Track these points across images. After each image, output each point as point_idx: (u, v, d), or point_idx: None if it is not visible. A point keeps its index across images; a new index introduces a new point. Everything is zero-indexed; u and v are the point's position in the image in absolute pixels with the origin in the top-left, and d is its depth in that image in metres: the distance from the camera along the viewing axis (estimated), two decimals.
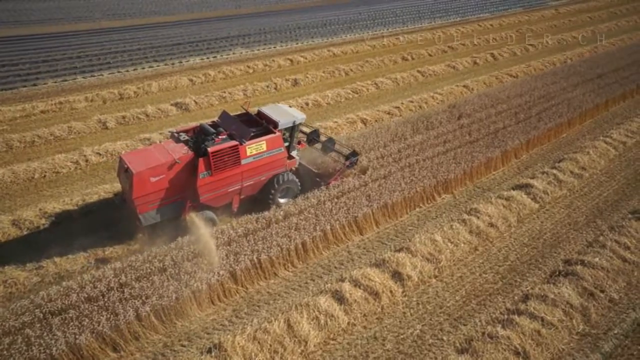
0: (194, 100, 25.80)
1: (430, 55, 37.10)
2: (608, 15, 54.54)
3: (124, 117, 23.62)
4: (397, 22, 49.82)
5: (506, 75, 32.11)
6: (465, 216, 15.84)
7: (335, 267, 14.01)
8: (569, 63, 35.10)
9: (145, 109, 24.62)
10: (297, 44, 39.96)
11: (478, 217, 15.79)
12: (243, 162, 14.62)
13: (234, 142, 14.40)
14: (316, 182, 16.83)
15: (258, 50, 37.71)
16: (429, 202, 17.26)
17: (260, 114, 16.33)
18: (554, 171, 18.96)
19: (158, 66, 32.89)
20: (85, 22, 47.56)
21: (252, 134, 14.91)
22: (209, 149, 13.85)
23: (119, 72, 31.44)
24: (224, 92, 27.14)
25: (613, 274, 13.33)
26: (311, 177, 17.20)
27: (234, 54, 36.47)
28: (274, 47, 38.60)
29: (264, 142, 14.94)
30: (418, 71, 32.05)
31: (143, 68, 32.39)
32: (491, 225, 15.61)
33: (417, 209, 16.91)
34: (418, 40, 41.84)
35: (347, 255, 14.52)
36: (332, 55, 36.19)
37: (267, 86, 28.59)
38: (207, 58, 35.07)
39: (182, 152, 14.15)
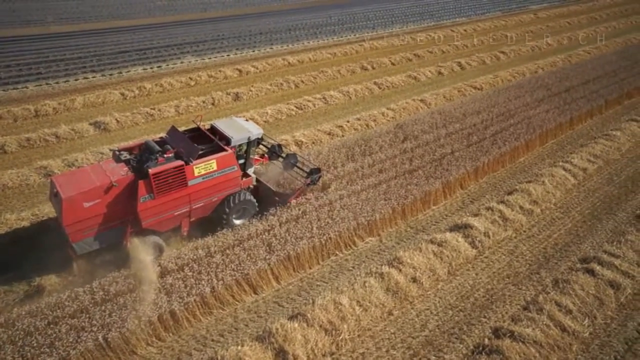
0: (116, 119, 23.21)
1: (392, 64, 34.69)
2: (588, 20, 52.42)
3: (28, 140, 20.98)
4: (367, 27, 47.43)
5: (470, 87, 29.75)
6: (385, 268, 13.34)
7: (213, 340, 11.51)
8: (539, 74, 32.80)
9: (58, 129, 21.98)
10: (253, 51, 37.45)
11: (400, 270, 13.33)
12: (190, 183, 13.46)
13: (179, 162, 13.15)
14: (275, 201, 15.58)
15: (209, 59, 35.15)
16: (348, 247, 14.81)
17: (213, 129, 15.27)
18: (501, 207, 16.56)
19: (94, 77, 30.24)
20: (34, 26, 44.75)
21: (200, 152, 13.73)
22: (150, 171, 12.60)
23: (47, 84, 28.78)
24: (154, 109, 24.56)
25: (546, 350, 10.94)
26: (270, 196, 15.89)
27: (181, 63, 33.91)
28: (227, 56, 36.06)
29: (214, 160, 13.80)
30: (375, 83, 29.63)
31: (76, 79, 29.73)
32: (414, 280, 13.16)
33: (333, 257, 14.45)
34: (383, 47, 39.47)
35: (231, 323, 12.01)
36: (286, 64, 33.70)
37: (204, 101, 26.05)
38: (151, 68, 32.46)
39: (121, 173, 12.93)
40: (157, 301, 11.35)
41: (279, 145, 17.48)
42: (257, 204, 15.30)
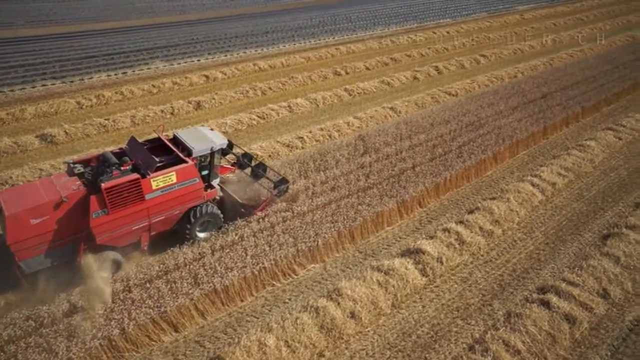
0: (65, 130, 21.99)
1: (367, 68, 33.55)
2: (574, 22, 51.36)
3: None
4: (348, 29, 46.27)
5: (445, 93, 28.64)
6: (322, 302, 12.18)
7: None
8: (518, 78, 31.73)
9: None
10: (225, 55, 36.25)
11: (338, 303, 12.19)
12: (148, 196, 13.00)
13: (134, 176, 12.65)
14: (241, 212, 15.12)
15: (178, 64, 33.94)
16: (287, 277, 13.67)
17: (175, 140, 14.81)
18: (459, 228, 15.42)
19: (53, 84, 29.02)
20: (2, 29, 43.42)
21: (157, 164, 13.31)
22: (103, 185, 12.12)
23: (1, 91, 27.53)
24: (107, 119, 23.34)
25: None
26: (236, 208, 15.39)
27: (148, 69, 32.68)
28: (198, 60, 34.86)
29: (174, 173, 13.31)
30: (345, 89, 28.47)
31: (34, 87, 28.48)
32: (352, 315, 12.00)
33: (269, 288, 13.30)
34: (361, 50, 38.31)
35: None
36: (257, 70, 32.52)
37: (163, 111, 24.85)
38: (116, 75, 31.24)
39: (72, 188, 12.41)
40: (54, 347, 10.17)
41: (249, 155, 17.01)
42: (222, 216, 14.84)
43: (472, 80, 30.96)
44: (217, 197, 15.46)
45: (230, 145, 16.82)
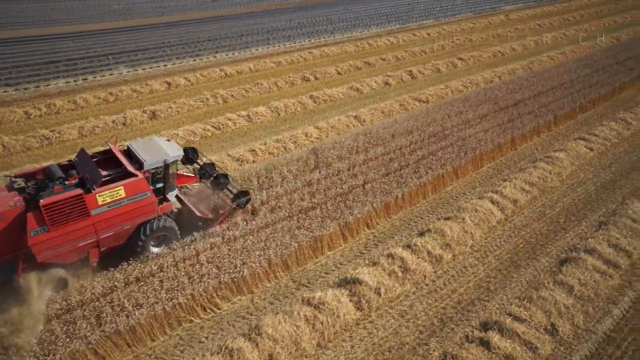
0: (3, 144, 20.79)
1: (339, 73, 32.35)
2: (559, 22, 50.13)
3: None
4: (326, 31, 45.05)
5: (415, 100, 27.46)
6: (239, 342, 10.95)
7: None
8: (494, 83, 30.56)
9: None
10: (194, 60, 35.02)
11: (257, 344, 10.99)
12: (94, 212, 12.44)
13: (76, 191, 12.07)
14: (199, 226, 14.53)
15: (144, 69, 32.71)
16: (208, 311, 12.44)
17: (129, 151, 14.26)
18: (405, 253, 14.25)
19: (5, 92, 27.76)
20: None
21: (104, 178, 12.79)
22: (41, 202, 11.52)
23: None
24: (53, 131, 22.12)
25: None
26: (195, 220, 14.77)
27: (111, 74, 31.47)
28: (164, 66, 33.64)
29: (122, 187, 12.78)
30: (311, 96, 27.29)
31: None
32: (270, 359, 10.88)
33: (187, 324, 12.10)
34: (335, 54, 37.12)
35: None
36: (223, 76, 31.29)
37: (115, 121, 23.63)
38: (75, 81, 30.00)
39: (9, 204, 11.79)
40: None
41: (212, 164, 16.21)
42: (178, 230, 14.24)
43: (445, 86, 29.79)
44: (175, 210, 14.83)
45: (196, 154, 16.47)
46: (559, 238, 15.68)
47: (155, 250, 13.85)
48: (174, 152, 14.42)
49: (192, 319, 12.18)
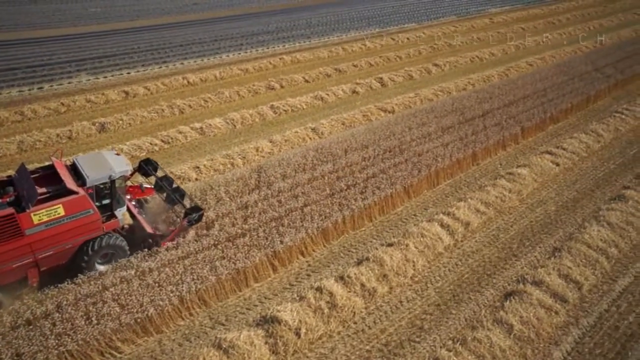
0: None
1: (306, 81, 31.19)
2: (544, 25, 48.97)
3: None
4: (303, 35, 43.91)
5: (380, 110, 26.32)
6: None
7: None
8: (467, 91, 29.45)
9: None
10: (160, 67, 33.88)
11: None
12: (29, 232, 11.93)
13: (7, 211, 11.55)
14: (149, 242, 13.99)
15: (105, 77, 31.56)
16: (106, 356, 11.32)
17: (74, 166, 13.80)
18: (336, 286, 13.07)
19: None
20: None
21: (40, 197, 12.26)
22: None
23: None
24: None
25: None
26: (144, 236, 14.24)
27: (69, 83, 30.32)
28: (128, 73, 32.47)
29: (60, 205, 12.25)
30: (272, 106, 26.13)
31: None
32: None
33: None
34: (306, 60, 35.98)
35: None
36: (185, 84, 30.13)
37: (59, 134, 22.45)
38: (30, 90, 28.84)
39: None
40: None
41: (169, 178, 15.72)
42: (127, 247, 13.79)
43: (415, 94, 28.66)
44: (126, 226, 14.45)
45: (153, 166, 15.95)
46: (509, 267, 14.54)
47: (102, 268, 13.28)
48: (121, 167, 13.90)
49: None
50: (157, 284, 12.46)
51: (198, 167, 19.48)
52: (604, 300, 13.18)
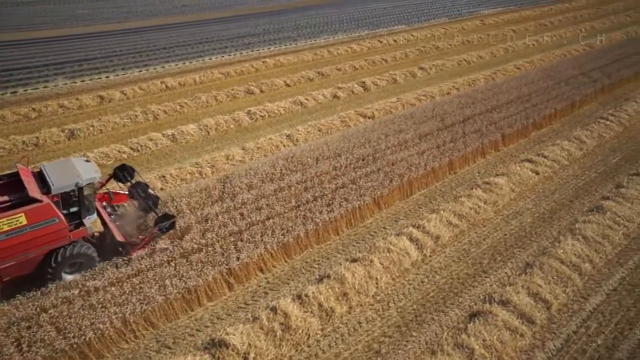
0: None
1: (287, 85, 30.55)
2: (535, 28, 48.34)
3: None
4: (290, 38, 43.27)
5: (359, 115, 25.69)
6: None
7: None
8: (451, 95, 28.79)
9: None
10: (140, 71, 33.23)
11: None
12: None
13: None
14: (119, 251, 13.58)
15: (83, 81, 30.91)
16: None
17: (41, 174, 13.49)
18: (292, 305, 12.37)
19: None
20: None
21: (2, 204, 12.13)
22: None
23: None
24: None
25: None
26: (114, 245, 13.84)
27: (45, 87, 29.65)
28: (106, 77, 31.81)
29: (22, 214, 11.92)
30: (248, 112, 25.49)
31: None
32: None
33: None
34: (290, 63, 35.36)
35: None
36: (163, 89, 29.49)
37: (25, 142, 21.79)
38: (3, 94, 28.18)
39: None
40: None
41: (144, 184, 15.50)
42: (95, 256, 13.41)
43: (397, 99, 28.04)
44: (96, 234, 14.10)
45: (128, 172, 15.81)
46: (477, 284, 13.89)
47: (69, 277, 12.97)
48: (89, 174, 13.56)
49: None
50: (100, 305, 11.81)
51: (164, 177, 18.84)
52: (573, 320, 12.52)
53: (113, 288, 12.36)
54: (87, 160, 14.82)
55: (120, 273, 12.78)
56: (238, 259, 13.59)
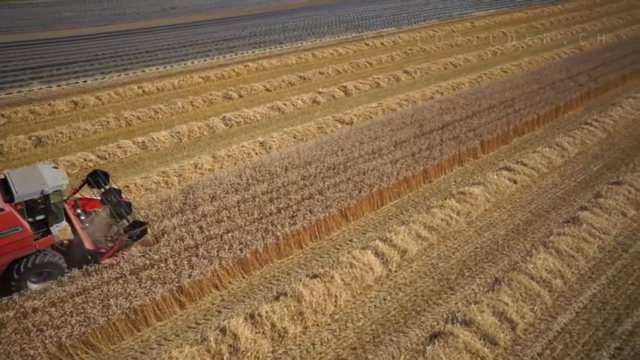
0: None
1: (267, 90, 29.96)
2: (526, 29, 47.74)
3: None
4: (276, 41, 42.70)
5: (337, 121, 25.05)
6: None
7: None
8: (434, 100, 28.16)
9: None
10: (119, 75, 32.65)
11: None
12: None
13: None
14: (87, 259, 13.22)
15: (59, 86, 30.32)
16: None
17: (5, 182, 13.26)
18: (244, 326, 11.75)
19: None
20: None
21: None
22: None
23: None
24: None
25: None
26: (83, 252, 13.44)
27: (19, 92, 29.06)
28: (84, 82, 31.23)
29: None
30: (223, 118, 24.87)
31: None
32: None
33: None
34: (273, 67, 34.76)
35: None
36: (140, 93, 28.88)
37: None
38: None
39: None
40: None
41: (117, 191, 15.30)
42: (64, 265, 13.08)
43: (378, 104, 27.43)
44: (65, 242, 13.91)
45: (102, 178, 15.63)
46: (442, 302, 13.25)
47: (35, 286, 12.69)
48: (56, 181, 13.28)
49: None
50: (36, 328, 11.19)
51: (128, 186, 18.21)
52: (539, 341, 11.88)
53: (53, 309, 11.75)
54: (56, 167, 14.51)
55: (64, 292, 12.18)
56: (190, 276, 12.96)
